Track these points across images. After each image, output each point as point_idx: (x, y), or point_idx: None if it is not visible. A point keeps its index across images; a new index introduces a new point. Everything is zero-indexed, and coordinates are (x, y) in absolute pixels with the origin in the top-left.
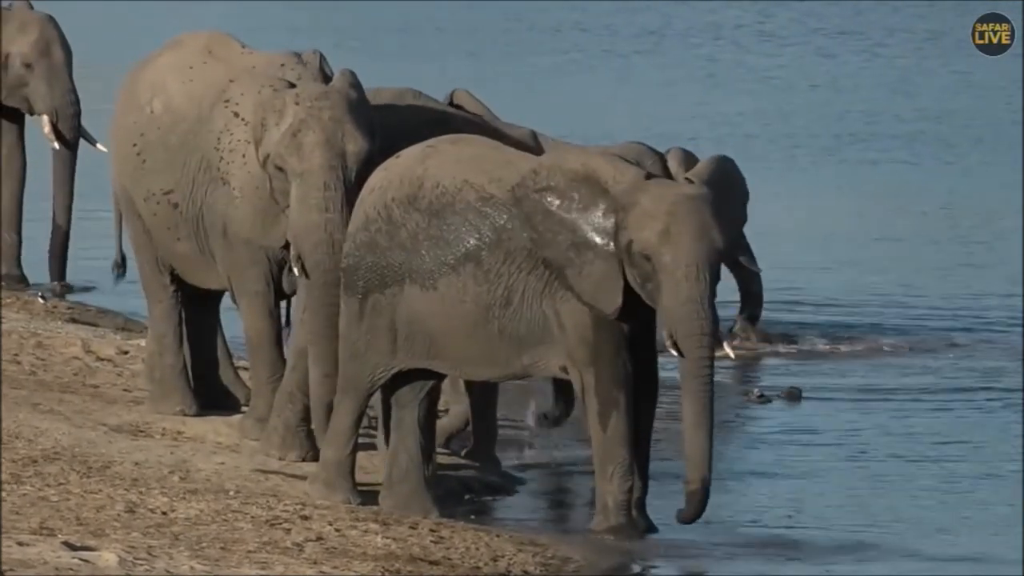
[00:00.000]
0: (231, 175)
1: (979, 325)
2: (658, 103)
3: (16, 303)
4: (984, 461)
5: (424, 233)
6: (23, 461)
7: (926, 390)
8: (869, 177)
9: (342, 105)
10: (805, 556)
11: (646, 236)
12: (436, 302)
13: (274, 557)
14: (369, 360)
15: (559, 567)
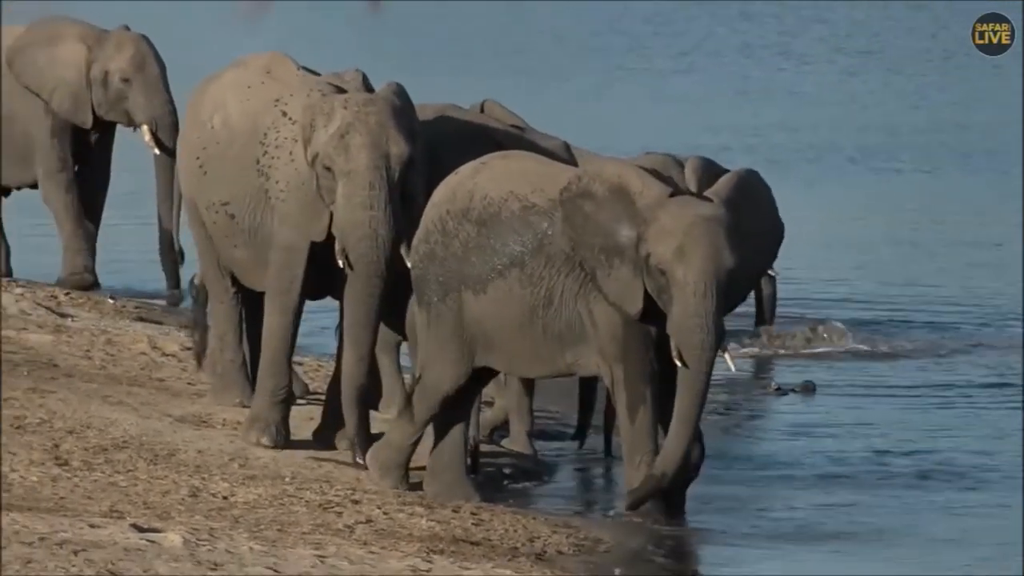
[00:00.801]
0: (275, 170)
1: (997, 323)
2: (692, 117)
3: (87, 303)
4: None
5: (474, 242)
6: (94, 449)
7: (940, 386)
8: (889, 185)
9: (387, 111)
10: (824, 542)
11: (662, 251)
12: (488, 305)
13: (327, 538)
14: (443, 367)
15: (591, 547)
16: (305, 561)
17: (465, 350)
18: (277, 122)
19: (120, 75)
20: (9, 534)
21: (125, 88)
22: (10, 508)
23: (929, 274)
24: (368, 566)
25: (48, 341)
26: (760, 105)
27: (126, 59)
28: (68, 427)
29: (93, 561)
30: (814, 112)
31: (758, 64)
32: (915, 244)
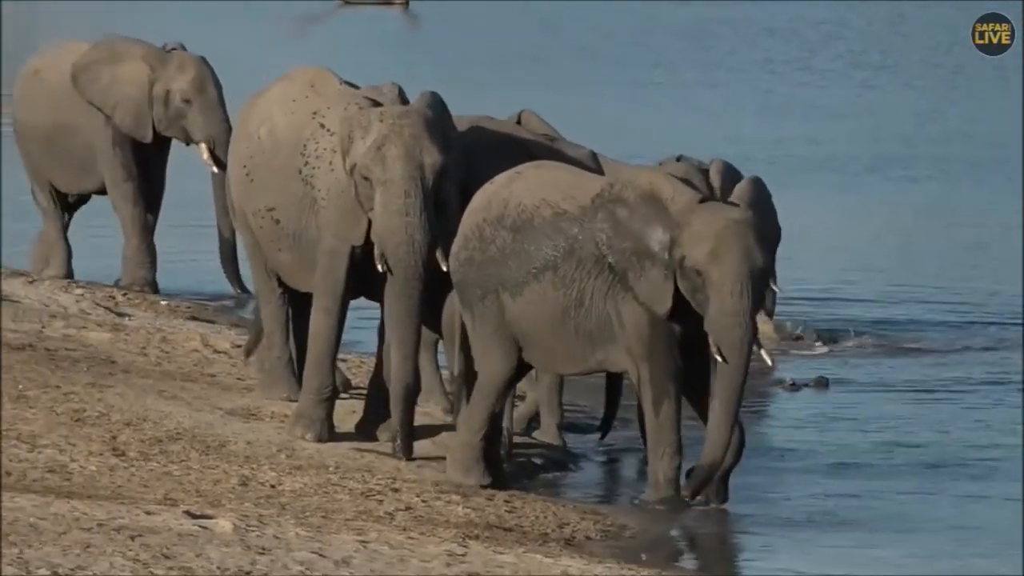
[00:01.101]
0: (316, 179)
1: (1006, 323)
2: (716, 128)
3: (143, 303)
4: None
5: (510, 247)
6: (150, 441)
7: (949, 381)
8: (904, 193)
9: (421, 123)
10: (840, 528)
11: (697, 254)
12: (524, 307)
13: (368, 524)
14: (493, 363)
15: (617, 533)
16: (348, 546)
17: (509, 345)
18: (315, 133)
19: (181, 95)
20: (69, 520)
21: (185, 107)
22: (70, 496)
23: (941, 275)
24: (407, 551)
25: (106, 339)
26: (781, 117)
27: (187, 80)
28: (125, 420)
29: (149, 546)
30: (833, 124)
31: (779, 79)
32: (928, 247)
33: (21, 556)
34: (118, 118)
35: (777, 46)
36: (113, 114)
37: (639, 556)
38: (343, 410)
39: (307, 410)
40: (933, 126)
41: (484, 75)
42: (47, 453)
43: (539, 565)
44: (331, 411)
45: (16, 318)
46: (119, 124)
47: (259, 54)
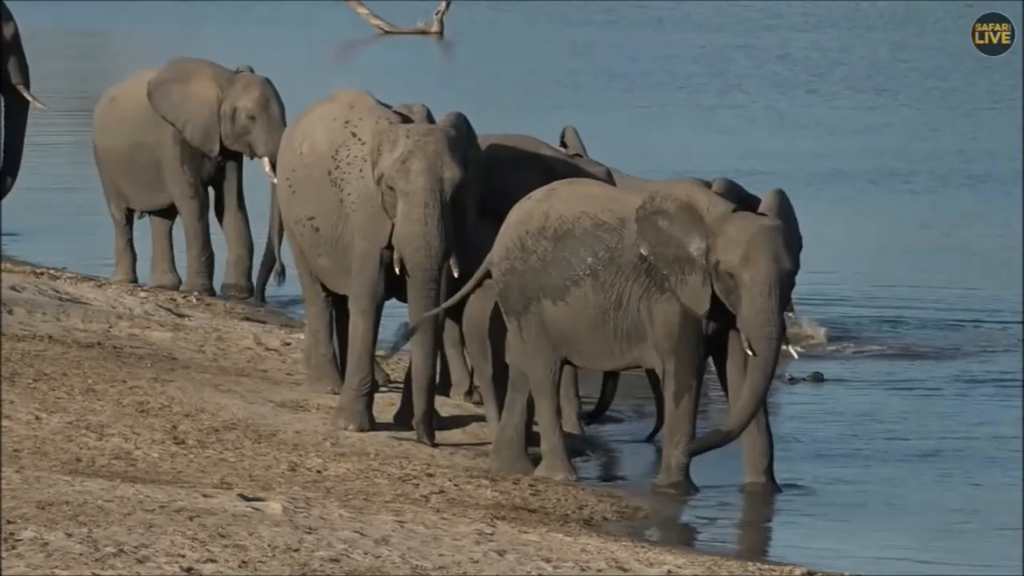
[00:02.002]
0: (347, 183)
1: (1002, 324)
2: (734, 145)
3: (201, 305)
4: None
5: (551, 256)
6: (207, 430)
7: (944, 378)
8: (904, 204)
9: (443, 140)
10: (836, 513)
11: (730, 259)
12: (565, 310)
13: (405, 507)
14: (540, 363)
15: (631, 514)
16: (387, 526)
17: (551, 345)
18: (348, 141)
19: (246, 112)
20: (134, 503)
21: (250, 124)
22: (134, 480)
23: (938, 279)
24: (440, 530)
25: (168, 338)
26: (792, 135)
27: (253, 99)
28: (185, 411)
29: (206, 526)
30: (839, 141)
31: (790, 100)
32: (927, 253)
33: (90, 535)
34: (188, 132)
35: (787, 71)
36: (184, 129)
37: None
38: (382, 403)
39: (349, 403)
40: (929, 143)
41: (512, 98)
42: (114, 441)
43: (560, 543)
44: (371, 404)
45: (85, 319)
46: (189, 138)
47: (308, 78)
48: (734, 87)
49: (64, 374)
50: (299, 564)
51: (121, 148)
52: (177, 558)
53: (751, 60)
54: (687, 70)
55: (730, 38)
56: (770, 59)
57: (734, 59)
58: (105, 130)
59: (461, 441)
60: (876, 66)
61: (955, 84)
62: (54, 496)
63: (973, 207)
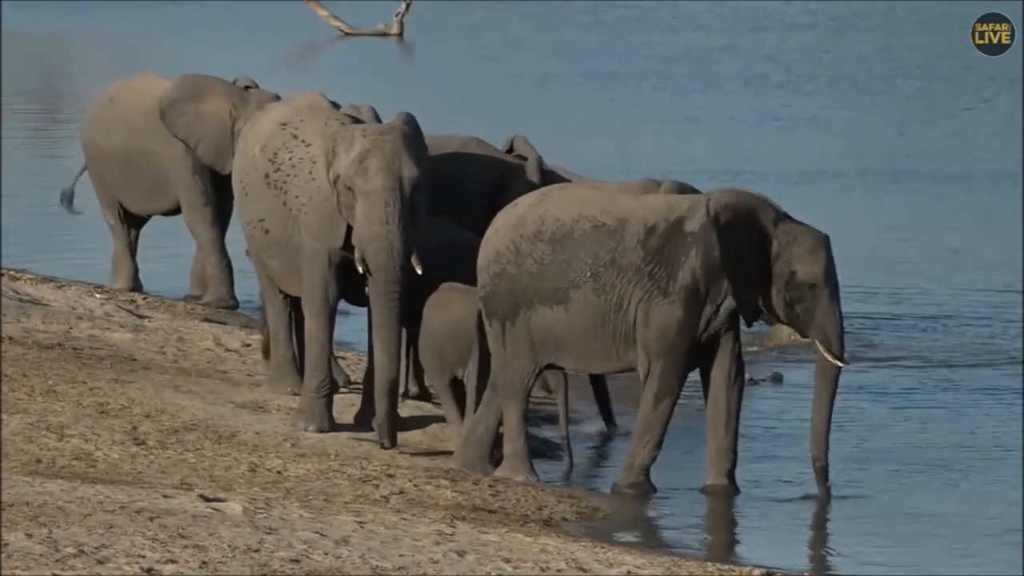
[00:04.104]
0: (290, 186)
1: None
2: (722, 145)
3: (161, 306)
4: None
5: (549, 259)
6: (167, 431)
7: (903, 376)
8: (887, 201)
9: (400, 139)
10: (795, 514)
11: (814, 270)
12: (562, 313)
13: (365, 507)
14: (518, 368)
15: (591, 514)
16: (347, 526)
17: (534, 351)
18: (288, 143)
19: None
20: (94, 503)
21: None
22: (95, 481)
23: (910, 273)
24: (400, 531)
25: (128, 339)
26: (776, 135)
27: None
28: (145, 412)
29: (166, 526)
30: (822, 141)
31: (774, 100)
32: (907, 250)
33: (50, 536)
34: (201, 151)
35: (771, 72)
36: (196, 147)
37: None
38: (342, 404)
39: (309, 404)
40: (912, 143)
41: (471, 98)
42: (74, 442)
43: (520, 543)
44: (330, 405)
45: (46, 320)
46: (202, 156)
47: (268, 79)
48: (717, 87)
49: (24, 375)
50: (259, 564)
51: (119, 150)
52: (137, 559)
53: (736, 61)
54: (673, 71)
55: (715, 39)
56: (755, 60)
57: (719, 60)
58: (102, 130)
59: (421, 442)
60: (859, 68)
61: (937, 86)
62: (14, 497)
63: (954, 205)
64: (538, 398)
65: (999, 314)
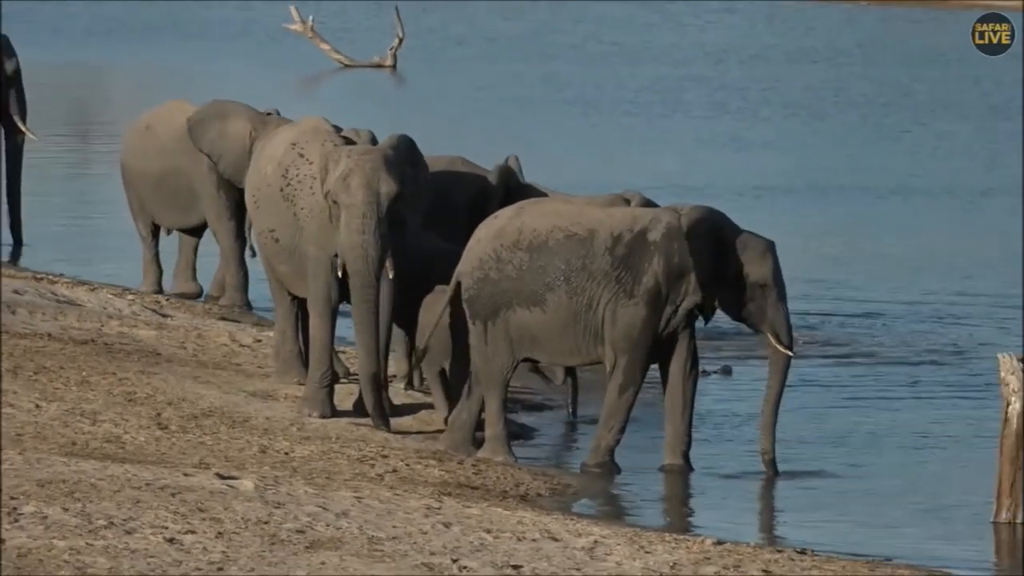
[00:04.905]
0: (298, 198)
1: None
2: (692, 162)
3: (182, 307)
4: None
5: (527, 265)
6: (187, 417)
7: (841, 367)
8: (833, 212)
9: (380, 159)
10: (744, 489)
11: (760, 271)
12: (538, 313)
13: (363, 484)
14: (498, 362)
15: (562, 490)
16: (346, 501)
17: (512, 346)
18: (296, 162)
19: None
20: (123, 481)
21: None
22: (123, 461)
23: (853, 275)
24: (394, 505)
25: (153, 335)
26: (737, 154)
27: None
28: (168, 400)
29: (187, 501)
30: (775, 159)
31: (731, 125)
32: (846, 258)
33: (84, 509)
34: (222, 166)
35: (734, 99)
36: (218, 162)
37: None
38: (342, 392)
39: (313, 393)
40: (856, 161)
41: (456, 123)
42: (105, 427)
43: (499, 516)
44: (332, 393)
45: (80, 319)
46: (222, 171)
47: (278, 106)
48: (684, 113)
49: (61, 367)
50: (269, 535)
51: (155, 171)
52: (161, 529)
53: (700, 90)
54: (639, 98)
55: (683, 71)
56: (717, 89)
57: (686, 89)
58: (139, 154)
59: (412, 427)
60: (809, 96)
61: (877, 112)
62: (52, 475)
63: (893, 216)
64: (515, 387)
65: (936, 312)
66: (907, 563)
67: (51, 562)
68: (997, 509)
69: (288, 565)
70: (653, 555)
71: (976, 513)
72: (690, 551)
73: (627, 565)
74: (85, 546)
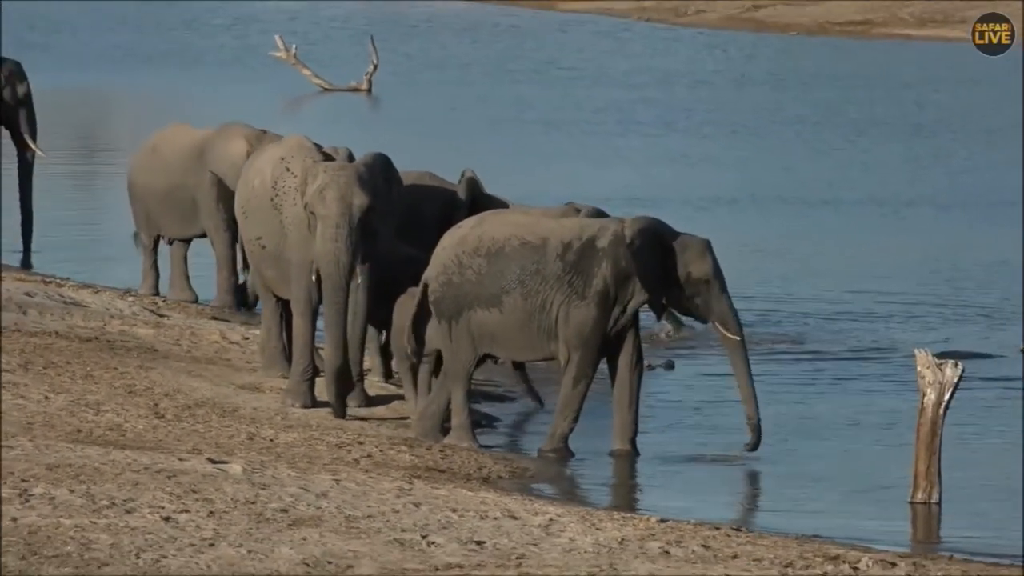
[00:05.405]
0: (284, 208)
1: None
2: (645, 176)
3: (177, 307)
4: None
5: (486, 270)
6: (182, 407)
7: (773, 363)
8: (772, 222)
9: (353, 174)
10: (687, 473)
11: (701, 268)
12: (496, 313)
13: (340, 468)
14: (461, 357)
15: (521, 473)
16: (326, 483)
17: (474, 343)
18: (283, 175)
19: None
20: (123, 465)
21: None
22: (124, 447)
23: (790, 278)
24: (369, 487)
25: (151, 333)
26: (685, 170)
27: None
28: (164, 391)
29: (181, 483)
30: (720, 174)
31: (683, 142)
32: (780, 260)
33: (89, 491)
34: (229, 182)
35: (682, 119)
36: (225, 177)
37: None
38: (322, 385)
39: (295, 386)
40: (795, 176)
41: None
42: (107, 416)
43: (464, 497)
44: (313, 386)
45: (85, 318)
46: (230, 186)
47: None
48: (636, 131)
49: (68, 362)
50: (255, 514)
51: (161, 188)
52: (158, 508)
53: (652, 111)
54: (589, 118)
55: (628, 93)
56: (667, 110)
57: (639, 110)
58: (146, 172)
59: (385, 415)
60: (750, 116)
61: (812, 131)
62: (60, 460)
63: (826, 225)
64: (478, 381)
65: (863, 311)
66: (832, 539)
67: (58, 539)
68: (914, 490)
69: (273, 541)
70: (603, 532)
71: (896, 494)
72: (636, 528)
73: (579, 541)
74: (89, 524)
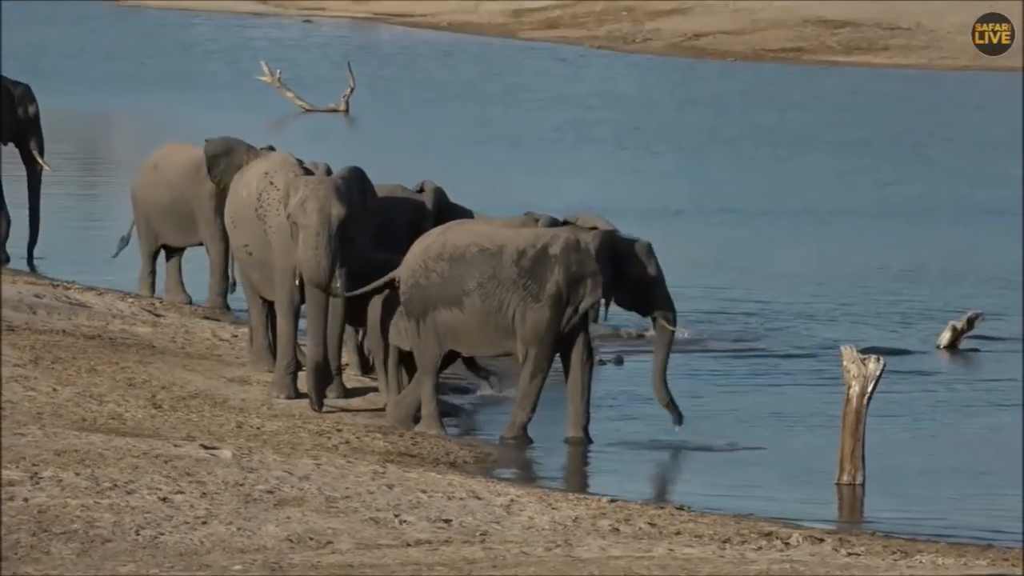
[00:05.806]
0: (268, 218)
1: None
2: (602, 189)
3: (173, 308)
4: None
5: (448, 274)
6: (177, 398)
7: (717, 360)
8: (716, 230)
9: (332, 188)
10: (637, 458)
11: (644, 268)
12: (458, 313)
13: (321, 453)
14: (428, 353)
15: (484, 458)
16: (308, 467)
17: (439, 340)
18: (267, 188)
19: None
20: (124, 451)
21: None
22: (125, 434)
23: (730, 283)
24: (347, 470)
25: (149, 332)
26: (639, 183)
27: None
28: (161, 384)
29: (177, 467)
30: (669, 187)
31: (632, 156)
32: (722, 266)
33: (93, 474)
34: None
35: (636, 137)
36: (226, 189)
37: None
38: (304, 378)
39: (280, 379)
40: (737, 188)
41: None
42: (110, 407)
43: (433, 479)
44: (296, 379)
45: (89, 318)
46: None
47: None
48: (595, 148)
49: (74, 358)
50: (244, 495)
51: (163, 201)
52: (156, 490)
53: (608, 129)
54: (549, 136)
55: (586, 113)
56: (622, 129)
57: (596, 128)
58: (149, 187)
59: (361, 406)
60: (697, 134)
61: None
62: (67, 446)
63: (764, 233)
64: (447, 374)
65: (797, 312)
66: (766, 517)
67: (66, 517)
68: (840, 472)
69: (260, 519)
70: (559, 511)
71: (823, 477)
72: (589, 508)
73: (538, 519)
74: (93, 504)
